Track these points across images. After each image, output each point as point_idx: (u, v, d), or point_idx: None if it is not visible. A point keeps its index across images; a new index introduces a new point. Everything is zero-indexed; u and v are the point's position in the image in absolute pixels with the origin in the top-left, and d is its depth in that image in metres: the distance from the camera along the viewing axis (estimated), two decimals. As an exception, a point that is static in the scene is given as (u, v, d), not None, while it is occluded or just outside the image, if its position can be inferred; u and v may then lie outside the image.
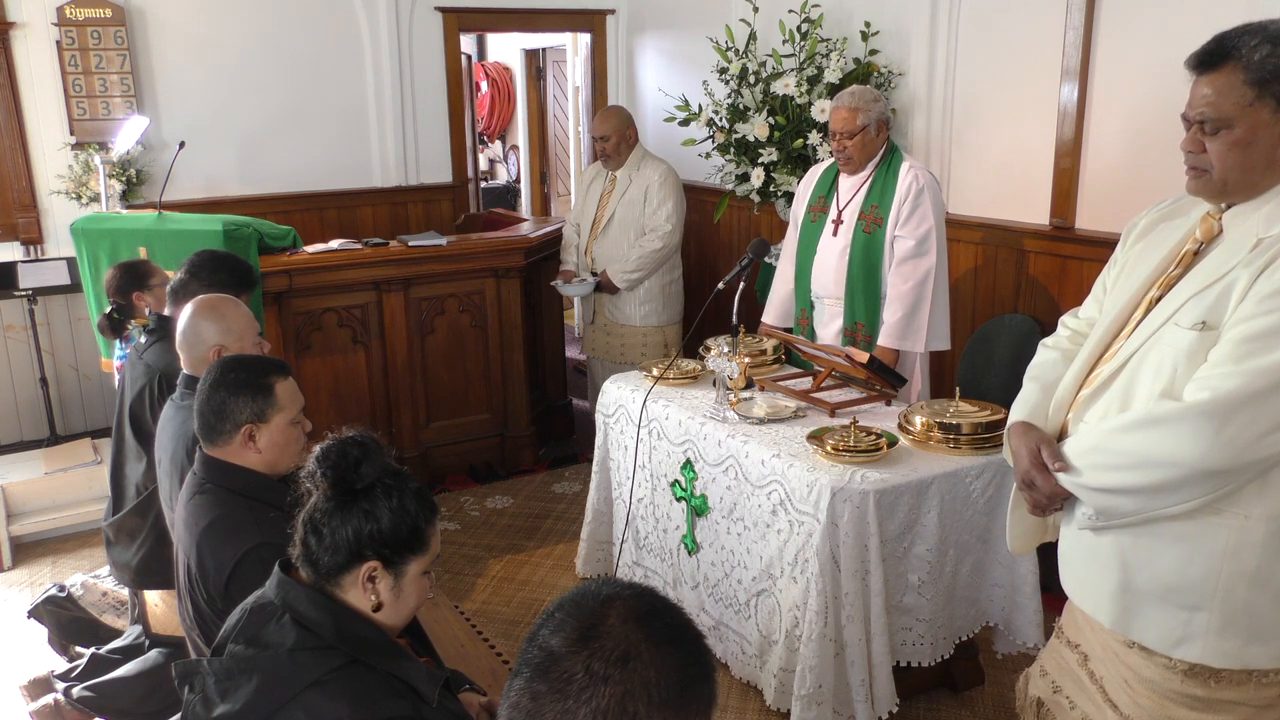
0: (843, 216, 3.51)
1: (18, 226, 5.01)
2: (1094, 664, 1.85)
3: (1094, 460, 1.70)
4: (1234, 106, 1.58)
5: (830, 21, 4.52)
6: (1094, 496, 1.71)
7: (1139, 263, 1.83)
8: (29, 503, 4.22)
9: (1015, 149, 3.94)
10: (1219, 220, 1.69)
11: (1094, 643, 1.85)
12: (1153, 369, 1.67)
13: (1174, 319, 1.65)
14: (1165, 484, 1.60)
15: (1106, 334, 1.81)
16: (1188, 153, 1.67)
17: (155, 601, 2.99)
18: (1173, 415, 1.58)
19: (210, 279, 2.84)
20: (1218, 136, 1.61)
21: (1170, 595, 1.66)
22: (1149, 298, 1.75)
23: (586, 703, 0.93)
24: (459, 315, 4.71)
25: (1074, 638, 1.92)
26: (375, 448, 1.55)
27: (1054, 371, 1.91)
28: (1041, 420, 1.88)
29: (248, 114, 5.45)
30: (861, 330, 3.49)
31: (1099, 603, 1.78)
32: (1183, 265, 1.72)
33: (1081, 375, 1.82)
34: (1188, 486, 1.58)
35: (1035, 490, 1.81)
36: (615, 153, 4.62)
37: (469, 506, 4.54)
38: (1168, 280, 1.73)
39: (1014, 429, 1.90)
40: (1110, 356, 1.77)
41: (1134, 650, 1.74)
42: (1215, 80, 1.60)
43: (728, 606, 3.05)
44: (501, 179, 9.76)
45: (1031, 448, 1.82)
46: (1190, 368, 1.61)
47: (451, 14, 5.87)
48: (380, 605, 1.54)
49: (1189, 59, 1.65)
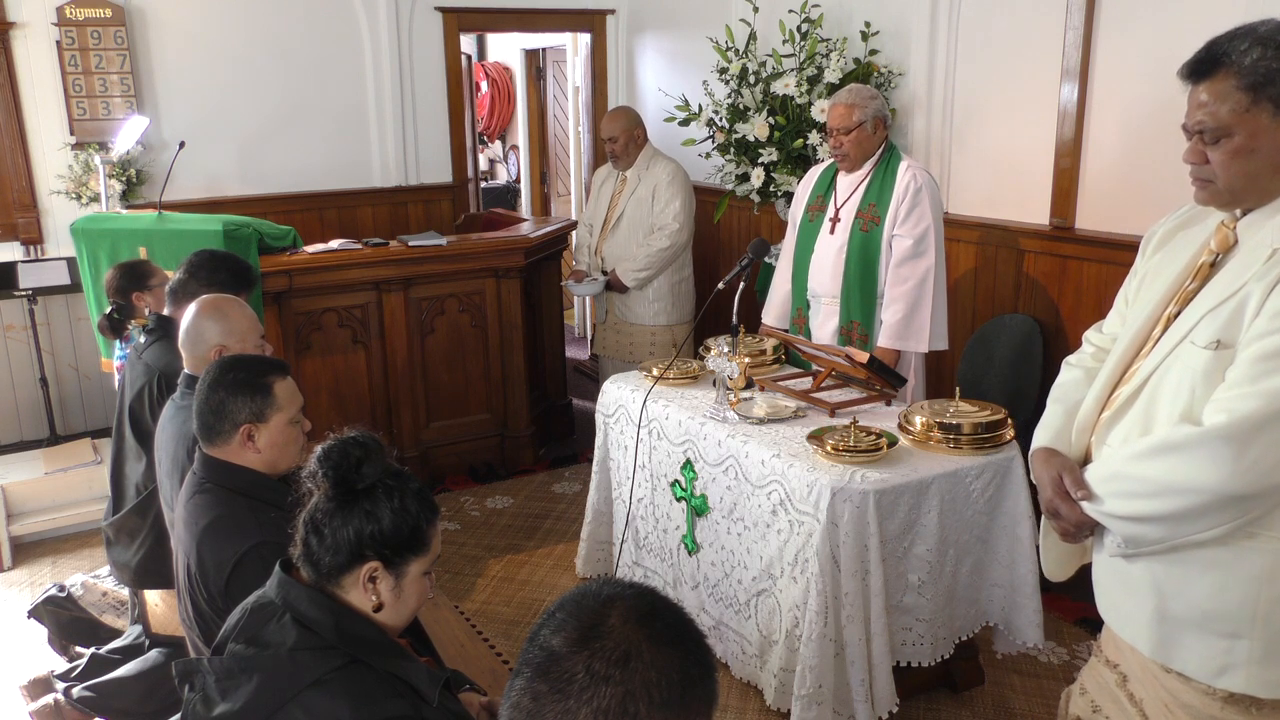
0: (840, 215, 3.51)
1: (18, 226, 5.01)
2: (1133, 685, 1.80)
3: (1116, 488, 1.66)
4: (1231, 114, 1.55)
5: (830, 21, 4.52)
6: (1119, 524, 1.67)
7: (1157, 275, 1.77)
8: (29, 503, 4.22)
9: (1015, 149, 3.94)
10: (1233, 229, 1.65)
11: (1133, 664, 1.80)
12: (1171, 390, 1.63)
13: (1190, 337, 1.61)
14: (1188, 511, 1.55)
15: (1127, 352, 1.76)
16: (1191, 164, 1.63)
17: (155, 601, 2.99)
18: (1191, 441, 1.54)
19: (209, 279, 2.84)
20: (1219, 146, 1.57)
21: (1208, 623, 1.62)
22: (1167, 314, 1.70)
23: (587, 703, 0.93)
24: (459, 315, 4.71)
25: (1113, 657, 1.87)
26: (377, 448, 1.55)
27: (1077, 392, 1.86)
28: (1065, 445, 1.83)
29: (248, 114, 5.45)
30: (858, 329, 3.49)
31: (1137, 631, 1.73)
32: (1199, 279, 1.67)
33: (1103, 396, 1.78)
34: (1212, 513, 1.54)
35: (1061, 519, 1.77)
36: (624, 153, 4.63)
37: (469, 506, 4.54)
38: (1185, 295, 1.68)
39: (1037, 455, 1.86)
40: (1130, 376, 1.73)
41: (1172, 675, 1.69)
42: (1210, 88, 1.57)
43: (728, 606, 3.05)
44: (501, 179, 9.76)
45: (1054, 475, 1.77)
46: (1208, 388, 1.57)
47: (451, 14, 5.87)
48: (381, 605, 1.54)
49: (1181, 69, 1.61)
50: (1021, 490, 2.75)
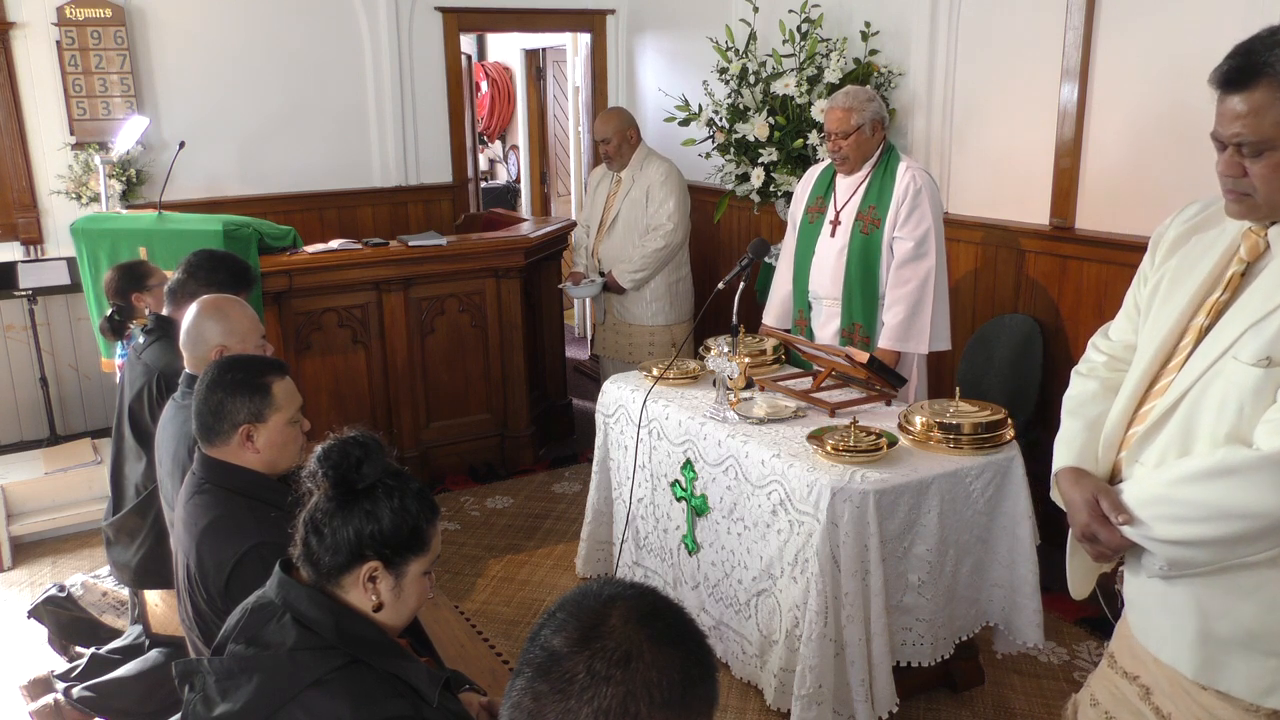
0: (840, 217, 3.50)
1: (18, 226, 5.01)
2: (1158, 699, 1.74)
3: (1161, 512, 1.59)
4: (1274, 126, 1.46)
5: (830, 21, 4.52)
6: (1164, 549, 1.60)
7: (1177, 282, 1.70)
8: (29, 503, 4.22)
9: (1015, 149, 3.94)
10: (1264, 237, 1.58)
11: (1159, 677, 1.73)
12: (1214, 407, 1.56)
13: (1232, 352, 1.54)
14: (1244, 535, 1.51)
15: (1153, 364, 1.69)
16: (1226, 177, 1.55)
17: (155, 601, 2.99)
18: (1249, 464, 1.48)
19: (209, 278, 2.84)
20: (1260, 159, 1.49)
21: (1255, 643, 1.58)
22: (1198, 325, 1.63)
23: (588, 703, 0.93)
24: (459, 315, 4.71)
25: (1132, 669, 1.80)
26: (377, 448, 1.54)
27: (1096, 406, 1.79)
28: (1091, 462, 1.76)
29: (248, 114, 5.45)
30: (859, 331, 3.49)
31: (1179, 653, 1.67)
32: (1230, 289, 1.60)
33: (1130, 410, 1.71)
34: (1269, 537, 1.50)
35: (1099, 544, 1.69)
36: (617, 154, 4.63)
37: (469, 506, 4.54)
38: (1216, 306, 1.61)
39: (1064, 475, 1.77)
40: (1162, 390, 1.66)
41: (1208, 692, 1.64)
42: (1249, 99, 1.47)
43: (728, 606, 3.05)
44: (501, 179, 9.76)
45: (1089, 498, 1.69)
46: (1257, 407, 1.51)
47: (451, 14, 5.87)
48: (381, 605, 1.54)
49: (1214, 76, 1.52)
50: (1021, 490, 2.75)
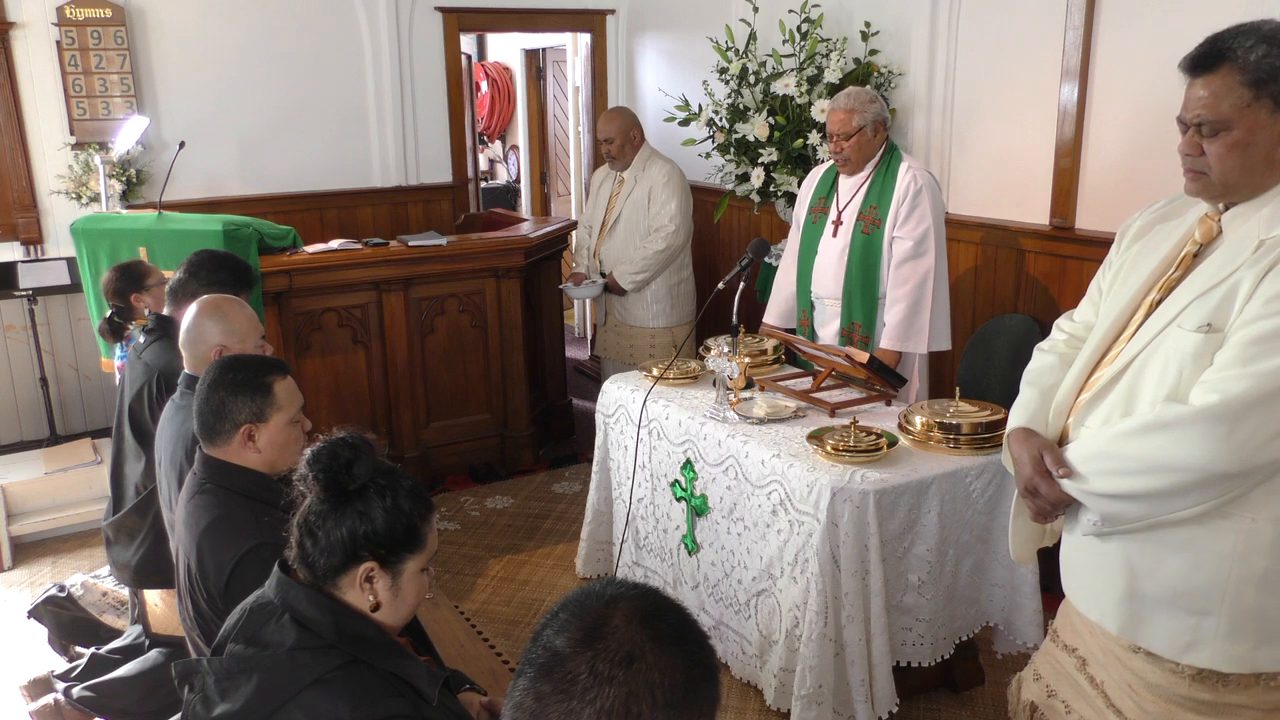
0: (842, 217, 3.51)
1: (18, 226, 5.01)
2: (1093, 668, 1.84)
3: (1100, 466, 1.68)
4: (1232, 108, 1.58)
5: (830, 21, 4.52)
6: (1101, 502, 1.69)
7: (1136, 265, 1.82)
8: (29, 503, 4.21)
9: (1015, 149, 3.94)
10: (1218, 221, 1.69)
11: (1093, 646, 1.83)
12: (1157, 372, 1.66)
13: (1177, 321, 1.64)
14: (1174, 489, 1.58)
15: (1106, 337, 1.79)
16: (1185, 155, 1.66)
17: (155, 601, 2.99)
18: (1182, 419, 1.56)
19: (209, 278, 2.84)
20: (1216, 139, 1.60)
21: (1178, 600, 1.65)
22: (1149, 300, 1.74)
23: (591, 703, 0.93)
24: (459, 315, 4.71)
25: (1070, 641, 1.90)
26: (366, 448, 1.54)
27: (1051, 376, 1.90)
28: (1041, 426, 1.86)
29: (247, 114, 5.44)
30: (858, 330, 3.49)
31: (1105, 610, 1.76)
32: (1183, 267, 1.71)
33: (1081, 379, 1.81)
34: (1197, 491, 1.57)
35: (1039, 497, 1.79)
36: (620, 154, 4.62)
37: (469, 506, 4.54)
38: (1168, 283, 1.72)
39: (1014, 435, 1.88)
40: (1111, 360, 1.76)
41: (1138, 655, 1.73)
42: (1211, 82, 1.59)
43: (728, 606, 3.05)
44: (501, 179, 9.75)
45: (1034, 454, 1.79)
46: (1196, 370, 1.60)
47: (451, 14, 5.87)
48: (379, 605, 1.54)
49: (1183, 61, 1.64)
50: (1022, 490, 2.75)
